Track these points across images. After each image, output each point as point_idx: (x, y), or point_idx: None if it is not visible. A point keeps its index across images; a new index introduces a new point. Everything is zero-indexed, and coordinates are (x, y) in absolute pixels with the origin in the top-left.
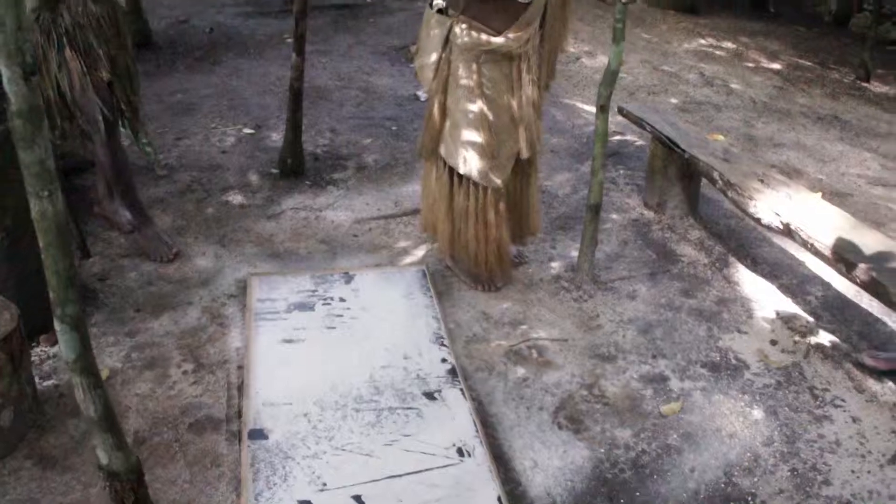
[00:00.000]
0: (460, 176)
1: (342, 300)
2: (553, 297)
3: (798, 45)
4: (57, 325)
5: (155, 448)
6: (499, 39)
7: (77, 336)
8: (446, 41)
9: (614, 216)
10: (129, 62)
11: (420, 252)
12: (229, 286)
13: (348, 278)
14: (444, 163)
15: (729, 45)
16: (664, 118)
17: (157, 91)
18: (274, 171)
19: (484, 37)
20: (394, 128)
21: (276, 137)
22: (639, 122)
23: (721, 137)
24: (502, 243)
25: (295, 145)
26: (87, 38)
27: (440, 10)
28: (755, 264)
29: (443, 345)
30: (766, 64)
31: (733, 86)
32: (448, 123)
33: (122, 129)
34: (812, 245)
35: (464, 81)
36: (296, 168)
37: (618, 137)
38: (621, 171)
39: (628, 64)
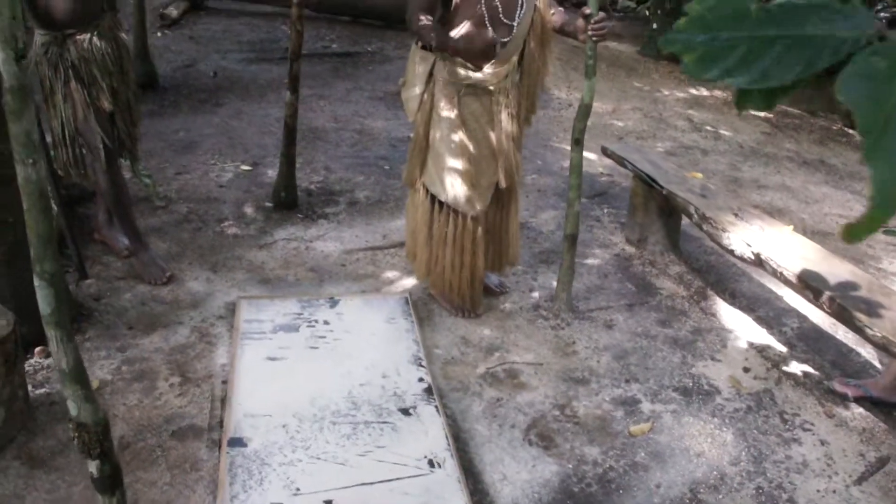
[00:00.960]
0: (441, 203)
1: (326, 323)
2: (531, 325)
3: None
4: (36, 281)
5: (138, 452)
6: (478, 74)
7: (53, 291)
8: (430, 75)
9: (597, 251)
10: (130, 95)
11: (405, 282)
12: (219, 308)
13: (333, 303)
14: (427, 190)
15: (719, 93)
16: (644, 157)
17: (160, 129)
18: (268, 204)
19: (464, 72)
20: (386, 167)
21: (273, 174)
22: (621, 161)
23: (699, 176)
24: (476, 270)
25: (289, 179)
26: (91, 71)
27: (425, 47)
28: (733, 297)
29: (421, 365)
30: (754, 111)
31: (721, 131)
32: (431, 153)
33: (122, 161)
34: (781, 274)
35: (445, 113)
36: (289, 201)
37: (605, 178)
38: (606, 210)
39: (619, 110)
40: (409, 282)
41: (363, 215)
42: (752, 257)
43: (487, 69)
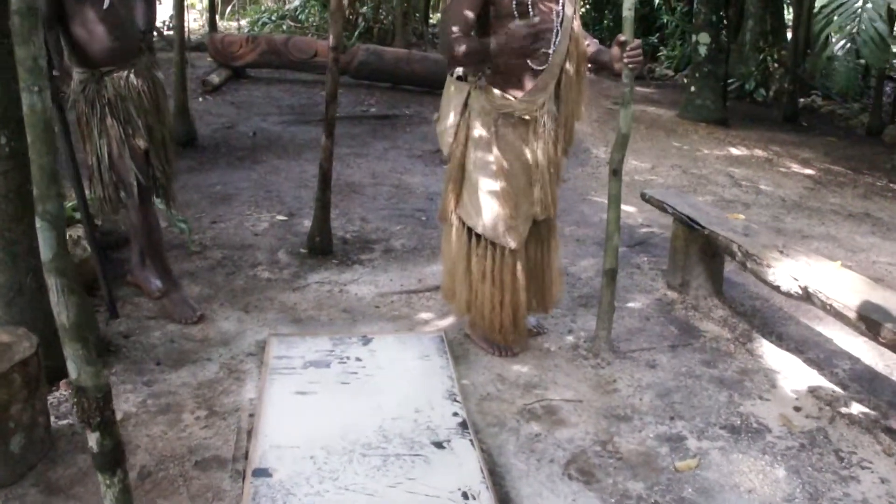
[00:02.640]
0: (478, 237)
1: (358, 360)
2: (570, 364)
3: (830, 153)
4: (37, 223)
5: (159, 482)
6: (514, 103)
7: (55, 235)
8: (465, 105)
9: (637, 296)
10: (165, 134)
11: (440, 323)
12: (249, 346)
13: (366, 341)
14: (462, 223)
15: (759, 152)
16: (684, 200)
17: (198, 183)
18: (302, 250)
19: (500, 100)
20: (423, 218)
21: (308, 224)
22: (660, 206)
23: (741, 217)
24: (518, 307)
25: (323, 224)
26: (127, 108)
27: (459, 78)
28: (780, 340)
29: (455, 401)
30: (797, 169)
31: (763, 187)
32: (466, 184)
33: (158, 204)
34: (831, 306)
35: (482, 143)
36: (324, 246)
37: (645, 229)
38: (646, 259)
39: (659, 167)
40: (445, 322)
41: (398, 261)
42: (800, 291)
43: (524, 98)
